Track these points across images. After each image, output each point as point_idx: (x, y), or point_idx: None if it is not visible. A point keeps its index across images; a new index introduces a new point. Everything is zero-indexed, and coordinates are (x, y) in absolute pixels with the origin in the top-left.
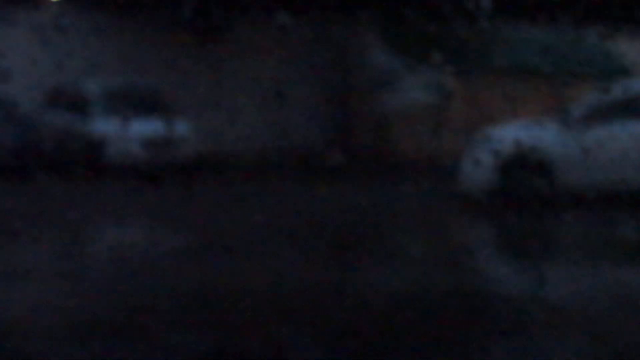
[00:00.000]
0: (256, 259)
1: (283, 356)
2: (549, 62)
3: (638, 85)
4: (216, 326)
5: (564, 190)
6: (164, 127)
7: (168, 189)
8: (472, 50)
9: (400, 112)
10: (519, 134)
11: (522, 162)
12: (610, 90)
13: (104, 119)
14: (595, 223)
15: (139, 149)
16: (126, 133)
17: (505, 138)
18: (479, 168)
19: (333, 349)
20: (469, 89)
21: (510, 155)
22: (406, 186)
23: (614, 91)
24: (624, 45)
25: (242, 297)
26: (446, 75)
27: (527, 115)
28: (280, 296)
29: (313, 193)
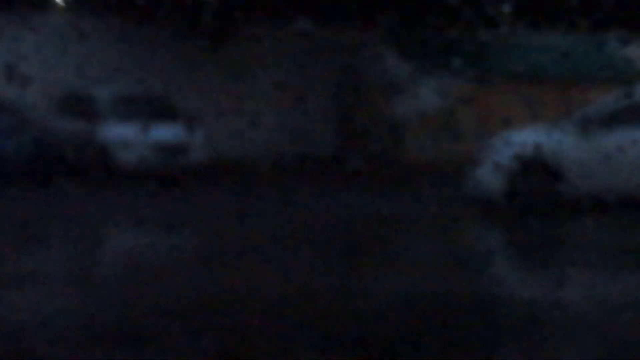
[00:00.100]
0: (269, 264)
1: None
2: (566, 67)
3: None
4: (228, 331)
5: (579, 194)
6: (177, 132)
7: (181, 194)
8: (488, 56)
9: (415, 117)
10: (534, 139)
11: (537, 166)
12: (627, 95)
13: (116, 125)
14: (610, 228)
15: (151, 155)
16: (138, 139)
17: (520, 143)
18: (493, 172)
19: (344, 354)
20: (484, 94)
21: (525, 160)
22: (420, 191)
23: (630, 95)
24: None
25: (255, 302)
26: (462, 80)
27: (544, 120)
28: (293, 301)
29: (326, 198)
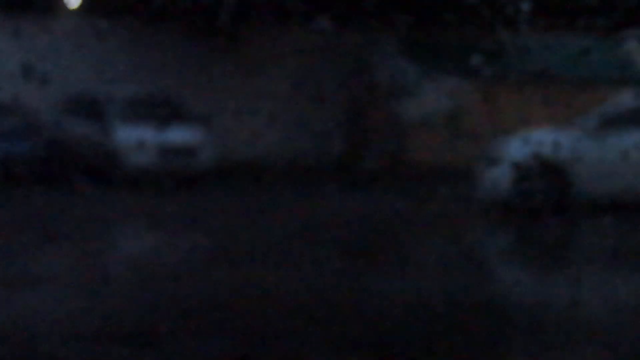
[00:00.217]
0: (276, 265)
1: None
2: (584, 66)
3: None
4: (236, 333)
5: (585, 197)
6: (186, 134)
7: (189, 196)
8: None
9: (431, 117)
10: (541, 141)
11: (543, 168)
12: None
13: (123, 127)
14: (616, 231)
15: (158, 157)
16: (146, 141)
17: (526, 145)
18: (500, 175)
19: (360, 355)
20: (492, 96)
21: (531, 162)
22: (427, 193)
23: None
24: None
25: (263, 304)
26: (479, 79)
27: (555, 123)
28: (301, 303)
29: (332, 200)
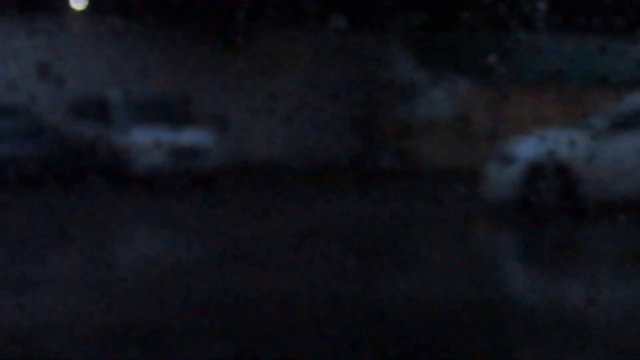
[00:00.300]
0: (283, 268)
1: None
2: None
3: None
4: (242, 335)
5: (599, 197)
6: (200, 135)
7: (202, 197)
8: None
9: (435, 120)
10: (555, 141)
11: (557, 168)
12: None
13: (136, 127)
14: (630, 231)
15: (171, 158)
16: (153, 142)
17: (540, 144)
18: (513, 174)
19: (364, 356)
20: (507, 96)
21: (545, 162)
22: (441, 193)
23: None
24: None
25: (269, 306)
26: (485, 82)
27: (569, 122)
28: (307, 306)
29: (338, 203)
